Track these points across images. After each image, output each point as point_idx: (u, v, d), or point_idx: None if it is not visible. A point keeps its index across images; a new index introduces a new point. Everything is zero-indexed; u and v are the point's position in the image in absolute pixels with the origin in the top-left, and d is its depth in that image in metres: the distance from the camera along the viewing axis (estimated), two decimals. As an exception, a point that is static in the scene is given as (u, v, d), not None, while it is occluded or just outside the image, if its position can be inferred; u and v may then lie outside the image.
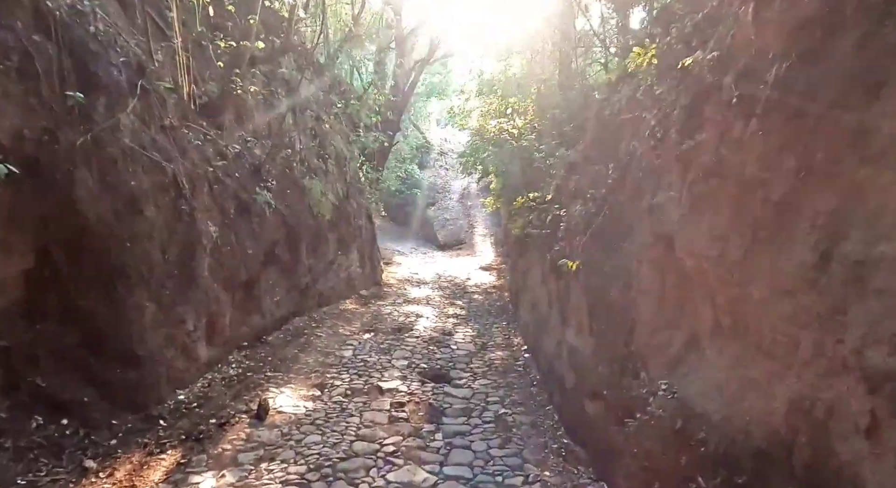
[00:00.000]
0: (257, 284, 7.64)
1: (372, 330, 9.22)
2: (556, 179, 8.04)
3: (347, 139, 12.80)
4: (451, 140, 28.55)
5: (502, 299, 12.54)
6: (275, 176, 8.48)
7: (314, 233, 9.78)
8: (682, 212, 3.66)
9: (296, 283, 9.07)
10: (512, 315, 10.83)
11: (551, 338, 6.66)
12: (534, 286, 8.41)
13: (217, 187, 6.76)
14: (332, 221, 10.82)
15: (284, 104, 9.52)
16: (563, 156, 7.88)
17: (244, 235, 7.23)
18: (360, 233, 12.73)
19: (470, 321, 10.32)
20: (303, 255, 9.29)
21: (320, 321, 9.32)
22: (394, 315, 10.43)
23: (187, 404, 5.36)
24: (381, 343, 8.39)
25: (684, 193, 3.61)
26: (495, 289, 13.85)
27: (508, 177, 12.62)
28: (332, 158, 11.42)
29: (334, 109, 12.45)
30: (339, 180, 11.86)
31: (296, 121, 10.04)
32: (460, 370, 7.36)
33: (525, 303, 9.27)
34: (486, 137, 11.77)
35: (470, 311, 11.19)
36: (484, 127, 11.85)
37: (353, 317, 10.03)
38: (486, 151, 12.43)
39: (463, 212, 23.70)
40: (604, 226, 5.19)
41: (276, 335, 8.00)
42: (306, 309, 9.43)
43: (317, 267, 9.93)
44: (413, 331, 9.31)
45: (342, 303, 10.83)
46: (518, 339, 8.92)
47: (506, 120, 11.42)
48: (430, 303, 11.83)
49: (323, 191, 9.90)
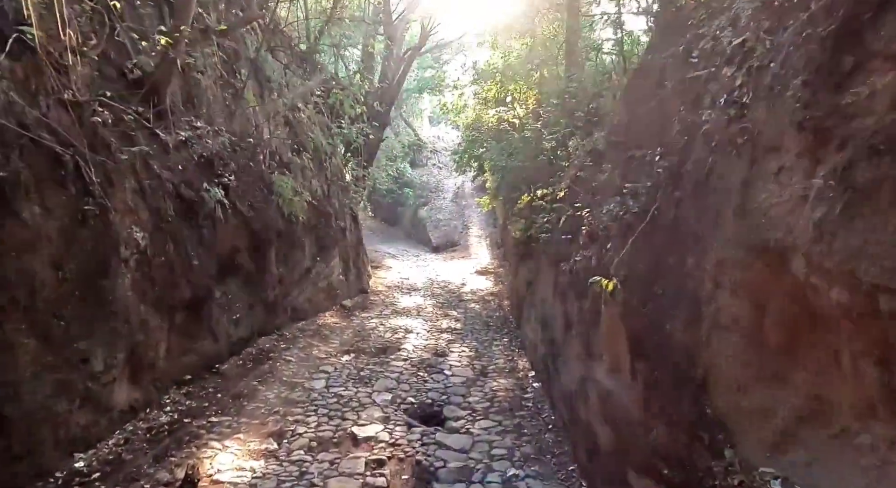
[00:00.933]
0: (208, 302, 6.14)
1: (352, 350, 7.73)
2: (570, 172, 6.60)
3: (329, 132, 11.30)
4: (444, 138, 27.10)
5: (501, 309, 11.09)
6: (234, 170, 6.97)
7: (285, 238, 8.28)
8: (818, 213, 2.21)
9: (261, 297, 7.56)
10: (514, 329, 9.38)
11: (571, 370, 5.21)
12: (543, 300, 6.96)
13: (150, 182, 5.26)
14: (309, 224, 9.33)
15: (250, 88, 8.02)
16: (580, 146, 6.43)
17: (189, 243, 5.73)
18: (343, 236, 11.24)
19: (466, 337, 8.85)
20: (271, 264, 7.80)
21: (292, 340, 7.82)
22: (379, 330, 8.95)
23: (85, 475, 3.86)
24: (362, 368, 6.91)
25: (828, 182, 2.16)
26: (493, 296, 12.40)
27: (507, 173, 11.18)
28: (310, 152, 9.92)
29: (314, 98, 10.94)
30: (319, 177, 10.36)
31: (265, 108, 8.53)
32: (456, 406, 5.90)
33: (531, 319, 7.81)
34: (483, 129, 10.29)
35: (466, 324, 9.73)
36: (480, 117, 10.39)
37: (331, 333, 8.53)
38: (483, 145, 10.97)
39: (457, 212, 22.22)
40: (653, 231, 3.74)
41: (232, 362, 6.50)
42: (275, 326, 7.93)
43: (289, 277, 8.43)
44: (400, 351, 7.83)
45: (321, 317, 9.34)
46: (524, 362, 7.46)
47: (505, 109, 9.96)
48: (421, 314, 10.36)
49: (296, 189, 8.40)
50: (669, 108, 4.21)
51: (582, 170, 6.06)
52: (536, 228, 8.86)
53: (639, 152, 4.43)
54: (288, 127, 9.38)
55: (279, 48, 9.82)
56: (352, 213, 12.25)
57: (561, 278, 5.81)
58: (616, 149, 5.10)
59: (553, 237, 6.58)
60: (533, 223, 9.45)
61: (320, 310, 9.54)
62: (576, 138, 6.79)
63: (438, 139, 26.98)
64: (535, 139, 8.71)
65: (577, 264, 5.05)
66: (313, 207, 9.66)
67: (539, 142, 8.66)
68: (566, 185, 6.47)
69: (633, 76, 5.33)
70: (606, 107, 6.25)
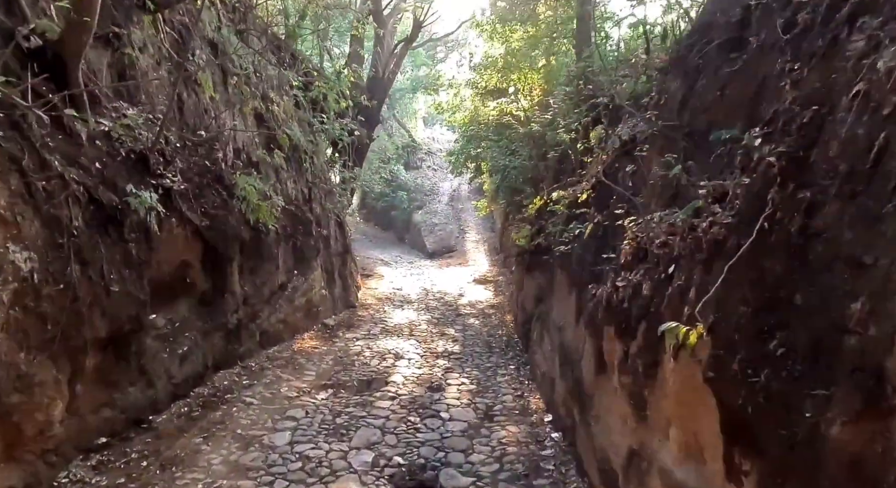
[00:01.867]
0: (138, 336, 4.72)
1: (330, 384, 6.32)
2: (593, 169, 5.22)
3: (310, 129, 9.89)
4: (440, 139, 25.75)
5: (504, 325, 9.69)
6: (182, 170, 5.57)
7: (252, 250, 6.86)
8: None
9: (220, 323, 6.14)
10: (521, 352, 7.98)
11: (610, 433, 3.81)
12: (560, 326, 5.56)
13: (46, 184, 3.84)
14: (285, 232, 7.92)
15: (209, 73, 6.60)
16: (607, 136, 5.05)
17: (107, 262, 4.30)
18: (326, 245, 9.83)
19: (466, 363, 7.44)
20: (232, 281, 6.38)
21: (257, 373, 6.40)
22: (365, 355, 7.53)
23: None
24: (340, 412, 5.49)
25: None
26: (494, 309, 11.01)
27: (509, 173, 9.81)
28: (287, 151, 8.51)
29: (293, 91, 9.53)
30: (298, 179, 8.96)
31: (229, 98, 7.12)
32: (456, 469, 4.49)
33: (543, 344, 6.42)
34: (482, 123, 8.89)
35: (465, 346, 8.33)
36: (480, 110, 8.99)
37: (307, 361, 7.11)
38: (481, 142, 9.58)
39: (453, 216, 20.82)
40: (763, 254, 2.35)
41: (174, 410, 5.07)
42: (238, 356, 6.51)
43: (257, 295, 7.01)
44: (388, 384, 6.43)
45: (297, 340, 7.91)
46: (536, 400, 6.05)
47: (508, 100, 8.58)
48: (414, 333, 8.95)
49: (266, 192, 6.98)
50: (765, 70, 2.83)
51: (615, 164, 4.68)
52: (547, 236, 7.50)
53: (713, 135, 3.05)
54: (259, 121, 7.96)
55: (251, 32, 8.41)
56: (337, 219, 10.84)
57: (589, 304, 4.42)
58: (668, 134, 3.72)
59: (574, 250, 5.19)
60: (540, 230, 8.10)
61: (298, 331, 8.11)
62: (600, 127, 5.41)
63: (433, 140, 25.65)
64: (545, 133, 7.34)
65: (619, 291, 3.66)
66: (290, 213, 8.26)
67: (549, 136, 7.29)
68: (591, 185, 5.09)
69: (688, 39, 3.96)
70: (640, 87, 4.88)
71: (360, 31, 12.33)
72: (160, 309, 5.44)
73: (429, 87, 19.97)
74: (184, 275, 5.76)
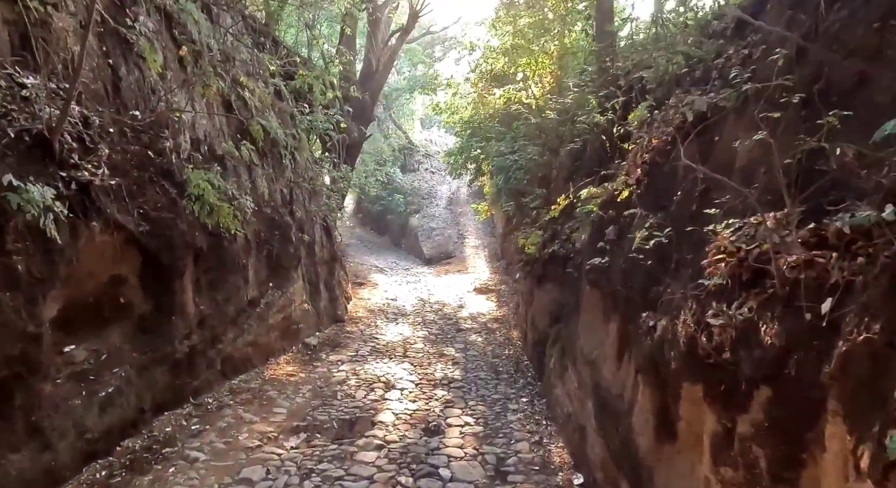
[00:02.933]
0: (25, 384, 3.39)
1: (304, 427, 5.01)
2: (636, 159, 3.94)
3: (293, 122, 8.60)
4: (437, 141, 24.51)
5: (511, 343, 8.40)
6: (113, 161, 4.28)
7: (212, 260, 5.56)
8: None
9: (164, 352, 4.82)
10: (533, 378, 6.69)
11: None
12: (592, 360, 4.26)
13: None
14: (259, 238, 6.63)
15: (158, 45, 5.30)
16: (654, 118, 3.78)
17: (-27, 283, 3.00)
18: (310, 252, 8.53)
19: (469, 393, 6.14)
20: (183, 300, 5.07)
21: (213, 414, 5.08)
22: (349, 385, 6.23)
23: None
24: (310, 472, 4.18)
25: None
26: (498, 323, 9.71)
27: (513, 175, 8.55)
28: (262, 145, 7.23)
29: (273, 78, 8.24)
30: (276, 177, 7.67)
31: (186, 78, 5.82)
32: (461, 567, 3.19)
33: (566, 377, 5.11)
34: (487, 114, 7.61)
35: (467, 370, 7.03)
36: (484, 98, 7.72)
37: (279, 394, 5.79)
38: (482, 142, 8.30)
39: (451, 220, 19.53)
40: None
41: (85, 476, 3.74)
42: (190, 392, 5.18)
43: (219, 314, 5.69)
44: (376, 425, 5.12)
45: (271, 365, 6.60)
46: (559, 450, 4.74)
47: (517, 87, 7.31)
48: (408, 353, 7.65)
49: (230, 190, 5.70)
50: None
51: (671, 149, 3.40)
52: (563, 243, 6.24)
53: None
54: (228, 109, 6.68)
55: (220, 5, 7.12)
56: (324, 224, 9.54)
57: (644, 340, 3.13)
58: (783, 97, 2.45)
59: (614, 263, 3.90)
60: (554, 236, 6.84)
61: (272, 354, 6.80)
62: (643, 106, 4.13)
63: (431, 142, 24.40)
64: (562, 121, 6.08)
65: (712, 331, 2.37)
66: (265, 217, 6.97)
67: (566, 129, 6.03)
68: (636, 178, 3.81)
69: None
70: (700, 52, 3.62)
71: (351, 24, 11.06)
72: (81, 338, 4.15)
73: (426, 86, 18.78)
74: (115, 294, 4.47)
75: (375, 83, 12.14)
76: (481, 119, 8.14)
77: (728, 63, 3.12)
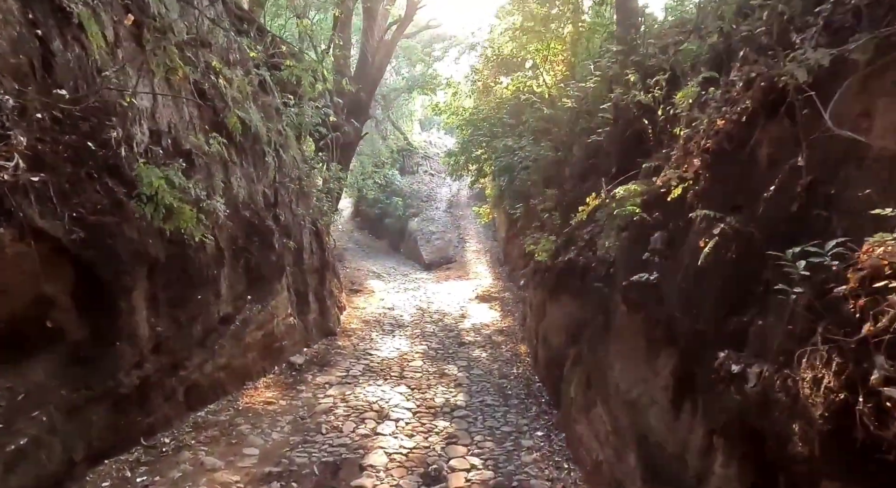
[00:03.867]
0: None
1: (277, 474, 4.08)
2: (688, 146, 3.02)
3: (278, 116, 7.70)
4: (437, 143, 23.62)
5: (518, 360, 7.48)
6: (36, 152, 3.38)
7: (175, 273, 4.64)
8: None
9: (106, 387, 3.90)
10: (547, 404, 5.76)
11: None
12: (633, 401, 3.34)
13: None
14: (234, 246, 5.73)
15: (104, 17, 4.39)
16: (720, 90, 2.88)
17: None
18: (298, 260, 7.62)
19: (475, 424, 5.22)
20: (131, 322, 4.14)
21: (169, 457, 4.15)
22: (337, 415, 5.30)
23: None
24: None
25: None
26: (503, 336, 8.79)
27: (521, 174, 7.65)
28: (242, 141, 6.35)
29: (257, 69, 7.34)
30: (259, 177, 6.77)
31: (145, 59, 4.91)
32: None
33: (593, 414, 4.19)
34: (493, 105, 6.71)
35: (472, 393, 6.11)
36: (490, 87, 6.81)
37: (253, 428, 4.86)
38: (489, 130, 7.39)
39: (451, 223, 18.60)
40: None
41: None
42: (140, 433, 4.25)
43: (182, 337, 4.76)
44: (364, 471, 4.19)
45: (247, 391, 5.68)
46: (589, 508, 3.83)
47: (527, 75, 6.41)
48: (405, 373, 6.73)
49: (194, 190, 4.79)
50: None
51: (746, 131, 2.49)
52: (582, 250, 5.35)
53: None
54: (201, 99, 5.77)
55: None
56: (314, 228, 8.62)
57: (723, 392, 2.21)
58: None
59: (667, 280, 2.98)
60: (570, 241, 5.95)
61: (249, 377, 5.87)
62: (693, 83, 3.23)
63: (430, 144, 23.50)
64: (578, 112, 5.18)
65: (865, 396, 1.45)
66: (243, 221, 6.07)
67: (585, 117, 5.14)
68: (695, 171, 2.90)
69: None
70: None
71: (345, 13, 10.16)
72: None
73: (425, 86, 17.91)
74: (40, 318, 3.55)
75: (371, 78, 11.24)
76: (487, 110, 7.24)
77: (840, 8, 2.22)
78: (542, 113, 6.07)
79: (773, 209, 2.30)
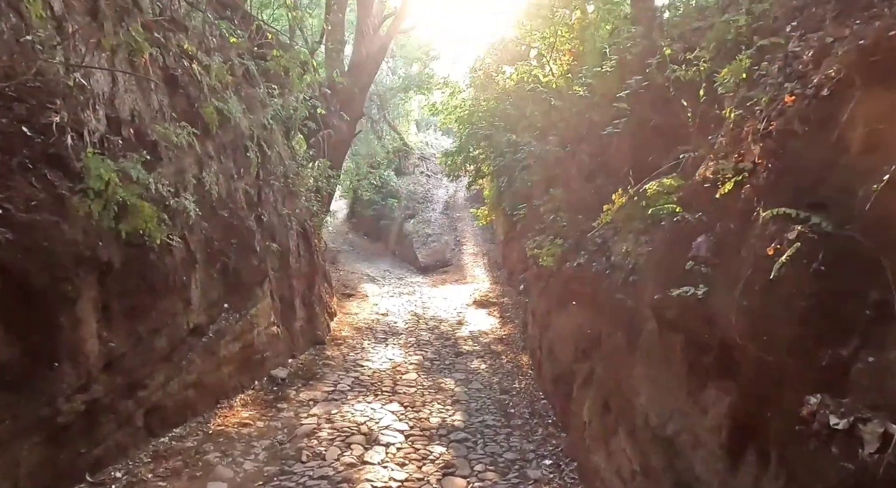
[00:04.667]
0: None
1: (246, 516, 3.45)
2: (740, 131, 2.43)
3: (262, 109, 7.08)
4: (434, 144, 23.01)
5: (520, 372, 6.87)
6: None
7: (134, 280, 4.01)
8: None
9: (39, 416, 3.25)
10: (553, 426, 5.15)
11: None
12: (669, 438, 2.74)
13: None
14: (208, 248, 5.10)
15: None
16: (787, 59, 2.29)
17: None
18: (284, 264, 6.98)
19: (475, 450, 4.60)
20: (76, 336, 3.50)
21: (118, 498, 3.52)
22: (320, 439, 4.67)
23: None
24: None
25: None
26: (503, 345, 8.18)
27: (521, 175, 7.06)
28: (220, 134, 5.72)
29: (241, 57, 6.72)
30: (240, 174, 6.14)
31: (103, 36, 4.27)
32: None
33: (613, 445, 3.58)
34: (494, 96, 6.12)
35: (471, 411, 5.50)
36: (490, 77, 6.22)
37: (223, 456, 4.22)
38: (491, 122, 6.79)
39: (448, 225, 17.98)
40: None
41: None
42: (88, 466, 3.61)
43: (140, 352, 4.12)
44: (347, 511, 3.57)
45: (223, 409, 5.03)
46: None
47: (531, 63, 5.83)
48: (397, 388, 6.10)
49: (155, 186, 4.16)
50: None
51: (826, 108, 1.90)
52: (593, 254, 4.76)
53: None
54: (172, 85, 5.15)
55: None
56: (302, 230, 7.99)
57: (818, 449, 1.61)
58: None
59: (721, 296, 2.38)
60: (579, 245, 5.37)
61: (224, 395, 5.22)
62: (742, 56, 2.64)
63: (427, 145, 22.87)
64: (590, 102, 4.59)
65: None
66: (220, 221, 5.43)
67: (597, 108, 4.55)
68: (753, 160, 2.31)
69: None
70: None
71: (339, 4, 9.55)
72: None
73: (422, 85, 17.32)
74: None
75: (366, 72, 10.62)
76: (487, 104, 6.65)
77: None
78: (549, 105, 5.50)
79: (882, 207, 1.70)
